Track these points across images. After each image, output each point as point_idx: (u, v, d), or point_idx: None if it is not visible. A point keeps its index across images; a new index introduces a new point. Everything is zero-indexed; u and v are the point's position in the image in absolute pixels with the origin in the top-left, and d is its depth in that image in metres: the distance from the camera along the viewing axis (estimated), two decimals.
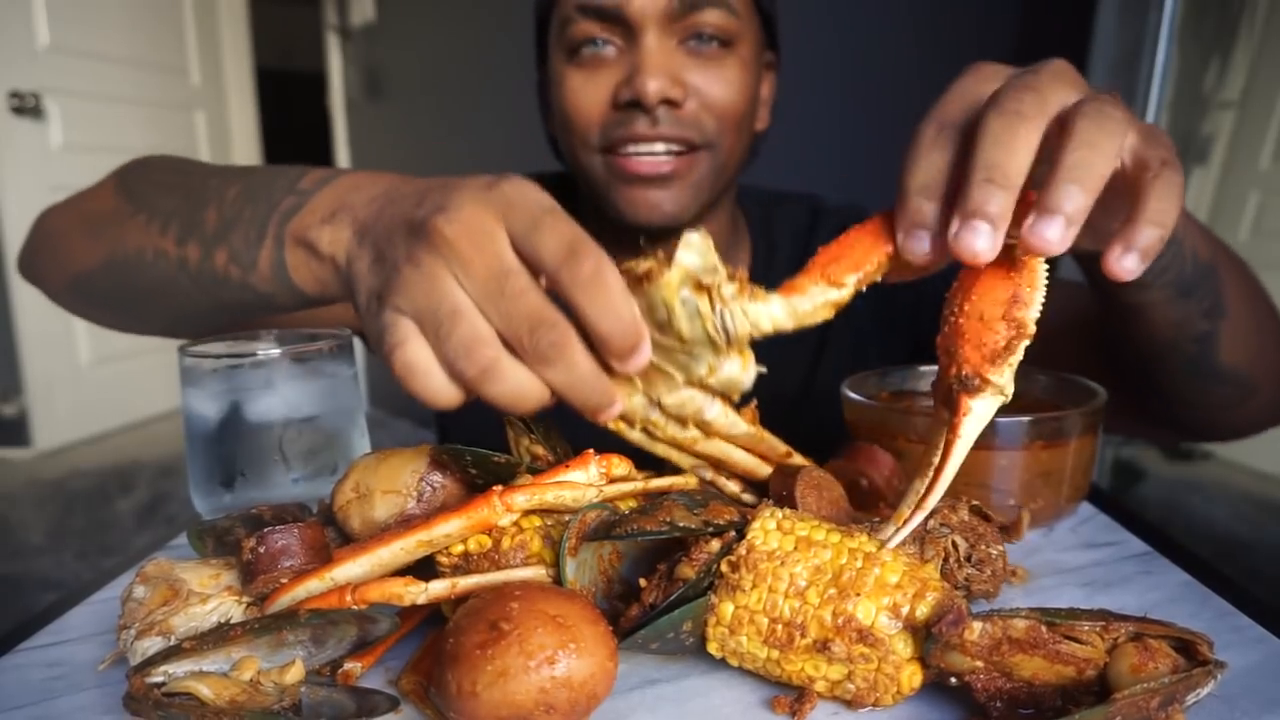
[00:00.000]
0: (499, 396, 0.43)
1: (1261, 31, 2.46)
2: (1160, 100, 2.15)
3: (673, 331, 0.44)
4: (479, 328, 0.42)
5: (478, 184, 0.44)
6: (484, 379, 0.42)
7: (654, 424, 0.50)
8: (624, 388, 0.47)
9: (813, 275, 0.47)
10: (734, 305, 0.45)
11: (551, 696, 0.38)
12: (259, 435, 0.62)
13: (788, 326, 0.47)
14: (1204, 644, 0.40)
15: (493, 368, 0.42)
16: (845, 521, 0.53)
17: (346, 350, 0.65)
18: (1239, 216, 2.53)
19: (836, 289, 0.46)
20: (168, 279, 0.62)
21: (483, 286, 0.42)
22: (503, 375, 0.42)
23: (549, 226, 0.42)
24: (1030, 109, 0.42)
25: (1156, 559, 0.59)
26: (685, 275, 0.43)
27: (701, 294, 0.44)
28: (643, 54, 0.78)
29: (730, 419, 0.51)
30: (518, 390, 0.43)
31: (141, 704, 0.39)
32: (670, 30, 0.79)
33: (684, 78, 0.79)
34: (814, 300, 0.47)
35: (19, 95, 3.18)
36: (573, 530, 0.46)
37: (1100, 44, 2.16)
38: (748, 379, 0.48)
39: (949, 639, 0.39)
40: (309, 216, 0.52)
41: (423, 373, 0.43)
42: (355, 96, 3.94)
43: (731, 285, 0.45)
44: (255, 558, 0.46)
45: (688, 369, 0.46)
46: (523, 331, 0.42)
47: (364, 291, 0.47)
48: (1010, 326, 0.44)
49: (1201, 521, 2.39)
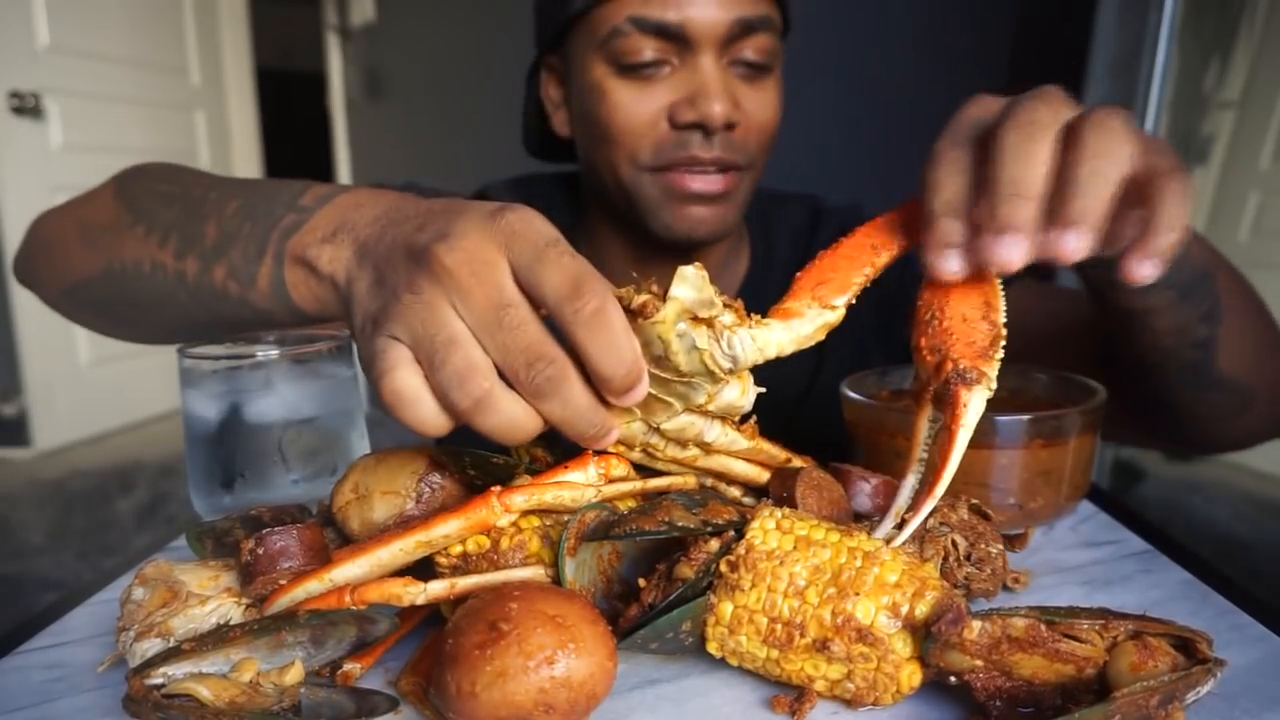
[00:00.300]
0: (492, 429, 0.42)
1: (1261, 31, 2.45)
2: (1160, 100, 2.15)
3: (670, 366, 0.44)
4: (474, 357, 0.42)
5: (482, 211, 0.44)
6: (477, 410, 0.42)
7: (653, 446, 0.50)
8: (622, 415, 0.47)
9: (803, 298, 0.48)
10: (741, 333, 0.45)
11: (551, 697, 0.38)
12: (258, 436, 0.62)
13: (789, 351, 0.47)
14: (1203, 642, 0.40)
15: (486, 399, 0.42)
16: (845, 521, 0.53)
17: (345, 351, 0.65)
18: (1239, 216, 2.53)
19: (831, 311, 0.48)
20: (165, 292, 0.62)
21: (481, 317, 0.42)
22: (496, 407, 0.42)
23: (553, 260, 0.42)
24: (1043, 123, 0.44)
25: (1156, 557, 0.59)
26: (681, 310, 0.43)
27: (699, 326, 0.43)
28: (705, 75, 0.78)
29: (730, 437, 0.51)
30: (511, 422, 0.42)
31: (141, 705, 0.39)
32: (724, 51, 0.79)
33: (739, 101, 0.79)
34: (813, 324, 0.47)
35: (19, 95, 3.18)
36: (572, 530, 0.46)
37: (1100, 44, 2.16)
38: (747, 402, 0.48)
39: (948, 638, 0.39)
40: (309, 234, 0.52)
41: (411, 400, 0.43)
42: (355, 96, 3.94)
43: (730, 314, 0.45)
44: (254, 559, 0.46)
45: (686, 398, 0.46)
46: (519, 365, 0.41)
47: (360, 314, 0.47)
48: (991, 327, 0.46)
49: (1202, 521, 2.39)
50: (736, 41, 0.78)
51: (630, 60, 0.78)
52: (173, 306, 0.63)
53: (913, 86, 2.16)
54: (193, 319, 0.63)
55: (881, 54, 2.26)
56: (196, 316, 0.62)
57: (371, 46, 3.77)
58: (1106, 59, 2.17)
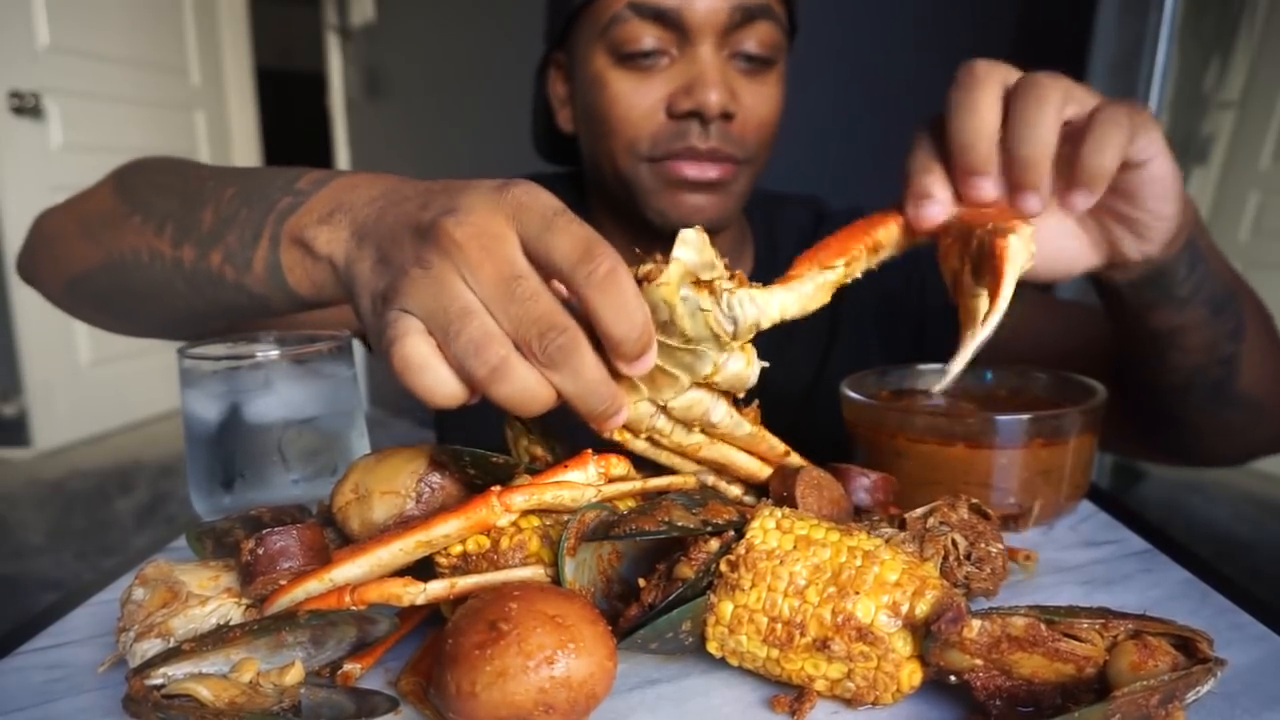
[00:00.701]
0: (507, 397, 0.42)
1: (1261, 31, 2.45)
2: (1160, 100, 2.15)
3: (676, 331, 0.44)
4: (489, 326, 0.42)
5: (487, 186, 0.44)
6: (493, 378, 0.42)
7: (659, 431, 0.50)
8: (630, 393, 0.47)
9: (802, 266, 0.49)
10: (741, 293, 0.45)
11: (550, 696, 0.38)
12: (258, 436, 0.62)
13: (793, 312, 0.47)
14: (1204, 641, 0.40)
15: (503, 366, 0.42)
16: (845, 520, 0.53)
17: (345, 351, 0.65)
18: (1239, 216, 2.53)
19: (830, 271, 0.49)
20: (164, 280, 0.62)
21: (493, 290, 0.42)
22: (512, 375, 0.42)
23: (562, 228, 0.42)
24: (980, 78, 0.51)
25: (1157, 556, 0.59)
26: (684, 272, 0.43)
27: (701, 290, 0.44)
28: (703, 64, 0.78)
29: (735, 419, 0.51)
30: (525, 391, 0.42)
31: (141, 706, 0.39)
32: (723, 42, 0.78)
33: (737, 93, 0.79)
34: (813, 282, 0.48)
35: (19, 95, 3.18)
36: (571, 530, 0.46)
37: (1100, 44, 2.16)
38: (753, 374, 0.48)
39: (948, 637, 0.39)
40: (305, 216, 0.52)
41: (420, 367, 0.43)
42: (355, 96, 3.94)
43: (731, 281, 0.45)
44: (254, 559, 0.46)
45: (692, 368, 0.46)
46: (532, 335, 0.42)
47: (367, 294, 0.47)
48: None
49: (1202, 522, 2.38)
50: (736, 31, 0.78)
51: (629, 49, 0.78)
52: (171, 296, 0.63)
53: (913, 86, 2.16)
54: (191, 307, 0.63)
55: (881, 54, 2.26)
56: (194, 305, 0.62)
57: (371, 46, 3.77)
58: (1106, 59, 2.17)
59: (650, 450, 0.52)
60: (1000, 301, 0.44)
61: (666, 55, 0.79)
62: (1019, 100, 0.50)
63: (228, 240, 0.56)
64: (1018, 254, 0.45)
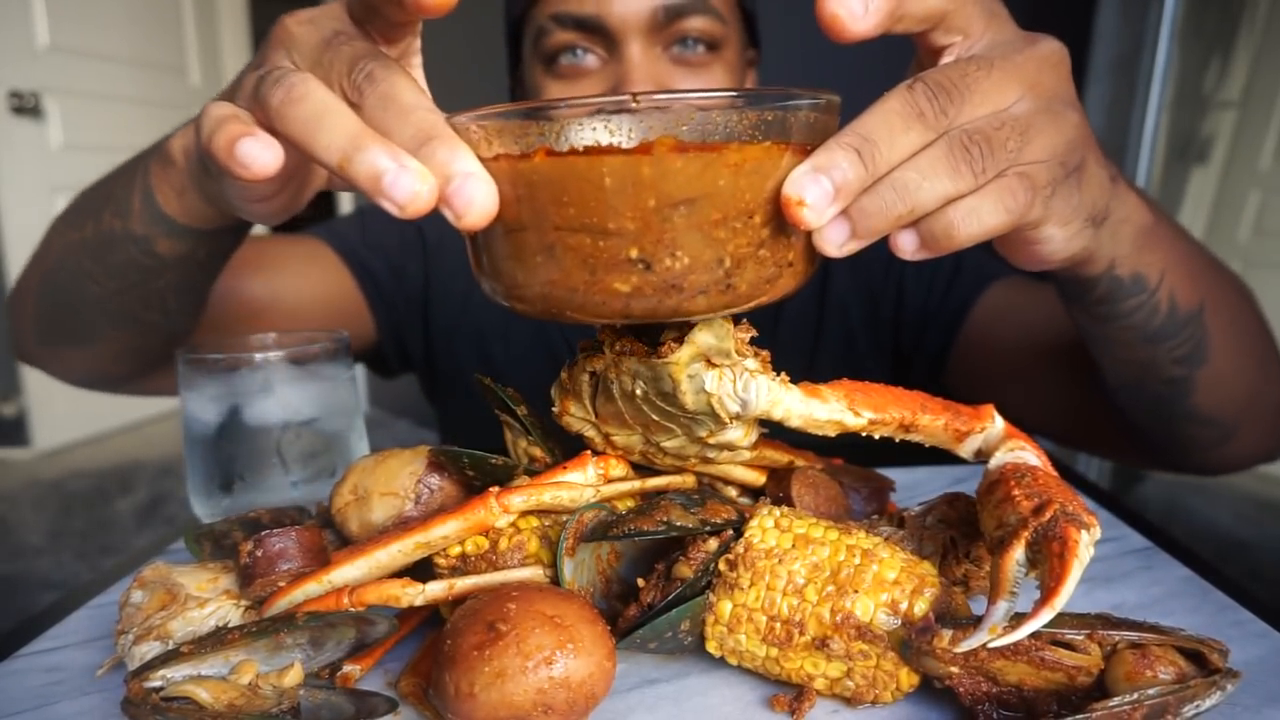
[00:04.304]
0: (296, 117, 0.38)
1: (1261, 31, 2.45)
2: (1160, 100, 2.15)
3: (676, 403, 0.44)
4: (293, 71, 0.40)
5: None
6: (290, 97, 0.38)
7: (653, 454, 0.50)
8: (623, 430, 0.47)
9: (836, 390, 0.46)
10: (761, 380, 0.44)
11: (550, 697, 0.38)
12: (257, 438, 0.62)
13: (794, 423, 0.45)
14: (1215, 652, 0.38)
15: (301, 86, 0.38)
16: (842, 519, 0.53)
17: (344, 353, 0.65)
18: (1239, 216, 2.53)
19: (853, 415, 0.46)
20: (77, 268, 0.64)
21: (311, 52, 0.41)
22: (306, 97, 0.38)
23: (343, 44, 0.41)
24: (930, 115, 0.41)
25: (1157, 554, 0.59)
26: (696, 354, 0.42)
27: (711, 369, 0.43)
28: (627, 65, 0.77)
29: (732, 453, 0.50)
30: (322, 106, 0.38)
31: (140, 708, 0.39)
32: (654, 38, 0.78)
33: (670, 86, 0.78)
34: (829, 413, 0.45)
35: (19, 95, 3.18)
36: (570, 531, 0.46)
37: (1100, 44, 2.16)
38: (747, 444, 0.47)
39: (919, 645, 0.39)
40: (166, 144, 0.53)
41: (216, 119, 0.40)
42: None
43: (754, 361, 0.44)
44: (253, 561, 0.46)
45: (689, 429, 0.46)
46: (344, 73, 0.39)
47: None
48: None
49: (1202, 522, 2.38)
50: (667, 28, 0.77)
51: (553, 54, 0.79)
52: (87, 284, 0.65)
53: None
54: (103, 292, 0.65)
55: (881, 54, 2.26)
56: (106, 287, 0.64)
57: None
58: (1106, 59, 2.17)
59: (646, 462, 0.52)
60: (1058, 599, 0.37)
61: (593, 55, 0.79)
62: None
63: (115, 195, 0.59)
64: (1085, 552, 0.39)
